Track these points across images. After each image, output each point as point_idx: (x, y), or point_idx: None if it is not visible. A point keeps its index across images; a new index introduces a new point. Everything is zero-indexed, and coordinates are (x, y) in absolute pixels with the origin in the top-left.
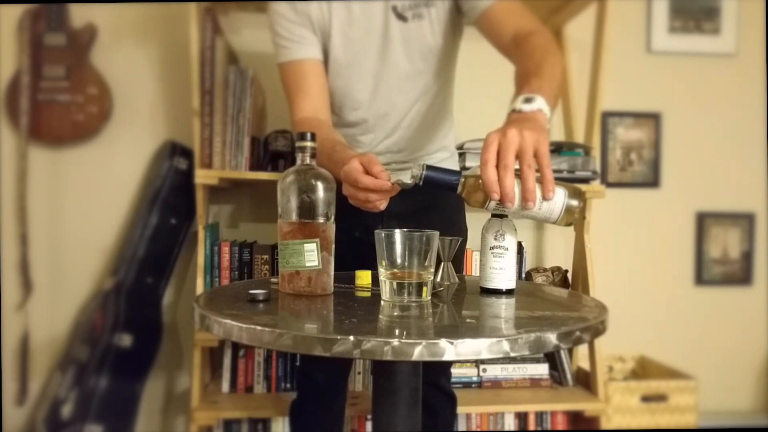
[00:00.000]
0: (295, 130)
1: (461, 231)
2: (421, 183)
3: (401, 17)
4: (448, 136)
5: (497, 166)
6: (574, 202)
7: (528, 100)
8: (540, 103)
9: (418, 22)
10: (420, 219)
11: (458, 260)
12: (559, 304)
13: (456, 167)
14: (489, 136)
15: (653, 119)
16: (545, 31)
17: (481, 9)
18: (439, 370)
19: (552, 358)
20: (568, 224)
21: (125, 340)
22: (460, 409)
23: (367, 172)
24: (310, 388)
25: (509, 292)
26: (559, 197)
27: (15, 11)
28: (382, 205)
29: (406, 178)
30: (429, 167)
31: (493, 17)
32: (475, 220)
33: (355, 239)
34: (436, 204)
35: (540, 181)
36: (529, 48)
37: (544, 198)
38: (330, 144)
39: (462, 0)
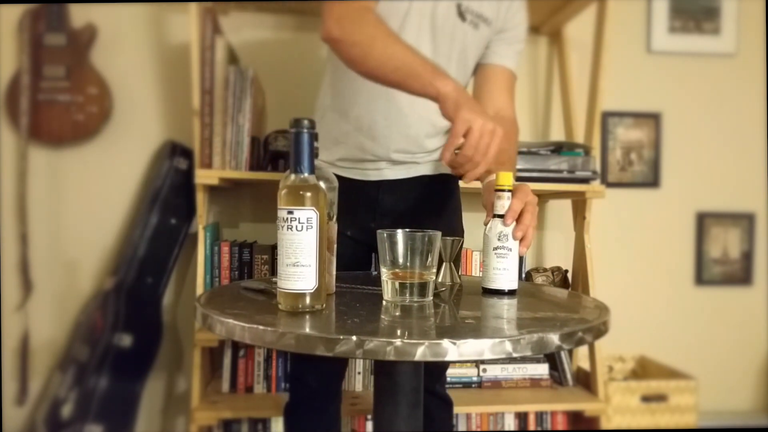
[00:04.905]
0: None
1: (457, 232)
2: None
3: (461, 15)
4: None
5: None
6: None
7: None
8: None
9: (472, 30)
10: (413, 218)
11: (456, 261)
12: (561, 305)
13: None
14: (522, 198)
15: (653, 119)
16: (515, 120)
17: (487, 60)
18: (434, 376)
19: (552, 358)
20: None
21: (125, 340)
22: (461, 409)
23: None
24: (303, 393)
25: (511, 293)
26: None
27: (15, 11)
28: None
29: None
30: None
31: (491, 76)
32: (475, 221)
33: (348, 238)
34: (432, 203)
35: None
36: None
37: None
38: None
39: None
